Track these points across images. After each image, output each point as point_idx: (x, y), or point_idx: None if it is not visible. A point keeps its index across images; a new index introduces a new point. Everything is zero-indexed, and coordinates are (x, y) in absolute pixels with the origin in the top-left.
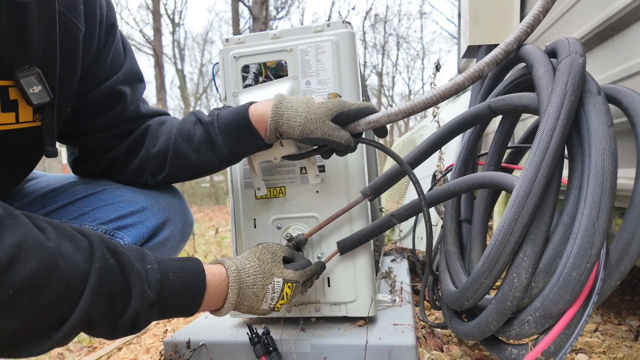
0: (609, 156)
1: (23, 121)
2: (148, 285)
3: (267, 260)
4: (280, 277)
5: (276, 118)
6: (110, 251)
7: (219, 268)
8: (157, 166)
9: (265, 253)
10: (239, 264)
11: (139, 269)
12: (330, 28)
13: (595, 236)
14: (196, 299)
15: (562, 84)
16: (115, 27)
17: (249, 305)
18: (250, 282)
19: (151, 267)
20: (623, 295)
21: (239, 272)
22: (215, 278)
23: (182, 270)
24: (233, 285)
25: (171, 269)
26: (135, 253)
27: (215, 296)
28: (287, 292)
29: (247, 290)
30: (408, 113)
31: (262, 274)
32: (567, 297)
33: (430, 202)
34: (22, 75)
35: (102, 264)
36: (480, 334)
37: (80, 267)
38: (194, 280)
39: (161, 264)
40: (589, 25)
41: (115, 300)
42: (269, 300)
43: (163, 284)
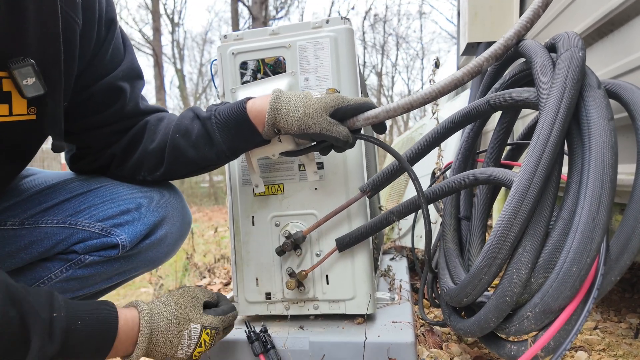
0: (609, 150)
1: (17, 114)
2: (50, 336)
3: (186, 305)
4: (197, 323)
5: (274, 113)
6: (13, 301)
7: (132, 313)
8: (155, 162)
9: (185, 297)
10: (154, 309)
11: (44, 318)
12: (329, 24)
13: (596, 231)
14: (104, 346)
15: (561, 77)
16: (114, 23)
17: (162, 351)
18: (164, 327)
19: (58, 315)
20: (623, 292)
21: (152, 316)
22: (127, 324)
23: (92, 319)
24: (144, 330)
25: (81, 316)
26: (44, 299)
27: (126, 342)
28: (205, 339)
29: (161, 336)
30: (407, 108)
31: (177, 319)
32: (567, 292)
33: (430, 199)
34: (16, 66)
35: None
36: (480, 331)
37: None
38: (104, 328)
39: (70, 312)
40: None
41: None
42: (184, 347)
43: (69, 332)
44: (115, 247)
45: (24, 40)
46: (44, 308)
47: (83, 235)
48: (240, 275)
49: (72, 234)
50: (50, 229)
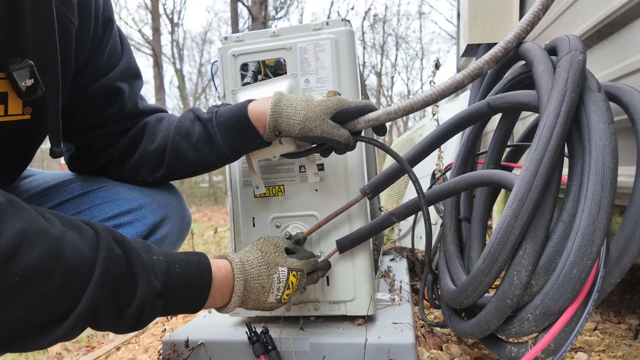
0: (609, 153)
1: (12, 114)
2: (154, 276)
3: (270, 252)
4: (284, 267)
5: (275, 116)
6: (116, 241)
7: (224, 262)
8: (154, 164)
9: (268, 245)
10: (243, 257)
11: (145, 260)
12: (330, 26)
13: (596, 233)
14: (202, 291)
15: (562, 81)
16: (112, 22)
17: (255, 298)
18: (255, 273)
19: (157, 258)
20: (622, 294)
21: (243, 264)
22: (220, 271)
23: (188, 263)
24: (239, 277)
25: (177, 261)
26: (141, 244)
27: (222, 290)
28: (292, 281)
29: (253, 282)
30: (407, 111)
31: (266, 265)
32: (567, 294)
33: (430, 201)
34: (14, 67)
35: (108, 253)
36: (480, 332)
37: (86, 256)
38: (200, 273)
39: (167, 256)
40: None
41: (121, 290)
42: (275, 290)
43: (169, 275)
44: None
45: (21, 41)
46: (144, 250)
47: None
48: None
49: None
50: None
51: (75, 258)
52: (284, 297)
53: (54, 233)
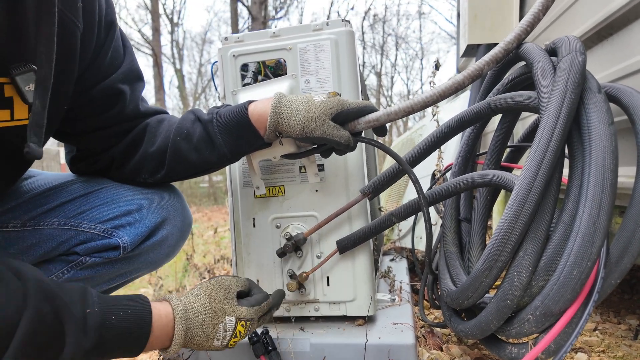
0: (609, 154)
1: (18, 118)
2: (85, 332)
3: (219, 298)
4: (232, 316)
5: (276, 117)
6: (46, 297)
7: (166, 308)
8: (155, 165)
9: (218, 289)
10: (187, 303)
11: (77, 315)
12: (330, 27)
13: (596, 234)
14: (139, 341)
15: (562, 82)
16: (114, 25)
17: (199, 344)
18: (199, 322)
19: (91, 311)
20: (622, 294)
21: (187, 312)
22: (161, 319)
23: (126, 314)
24: (179, 327)
25: (115, 311)
26: (78, 296)
27: (161, 337)
28: (240, 330)
29: (196, 331)
30: (408, 112)
31: (212, 313)
32: (567, 295)
33: (430, 201)
34: (17, 72)
35: (35, 313)
36: (480, 333)
37: (8, 317)
38: (139, 322)
39: (104, 307)
40: (588, 24)
41: (46, 350)
42: (220, 339)
43: (103, 328)
44: (116, 248)
45: (24, 46)
46: (77, 304)
47: (84, 237)
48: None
49: (74, 235)
50: (51, 230)
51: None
52: (230, 343)
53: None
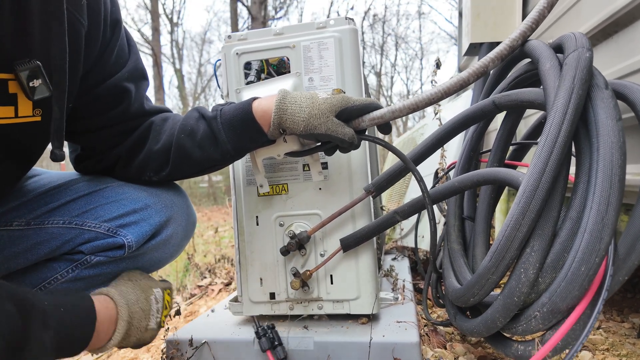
0: (617, 150)
1: (22, 115)
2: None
3: (139, 278)
4: (158, 287)
5: (280, 113)
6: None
7: (101, 295)
8: (160, 163)
9: (133, 273)
10: (117, 288)
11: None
12: (333, 24)
13: (604, 230)
14: (87, 330)
15: (569, 78)
16: (119, 23)
17: (138, 325)
18: (133, 298)
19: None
20: (625, 293)
21: (121, 292)
22: (101, 303)
23: (68, 304)
24: (120, 302)
25: (59, 304)
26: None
27: (105, 323)
28: (167, 299)
29: (134, 307)
30: (412, 109)
31: (140, 289)
32: (575, 292)
33: (434, 199)
34: (22, 68)
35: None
36: (486, 331)
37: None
38: (84, 309)
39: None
40: (593, 21)
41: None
42: (154, 313)
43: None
44: (121, 247)
45: (29, 42)
46: (34, 298)
47: (89, 236)
48: (245, 275)
49: (78, 234)
50: (56, 229)
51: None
52: (162, 319)
53: None
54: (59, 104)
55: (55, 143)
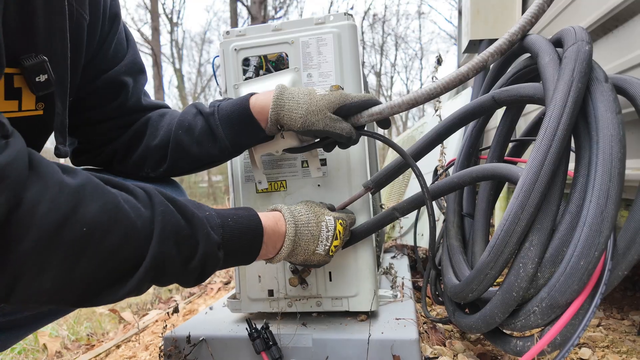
0: (617, 143)
1: (26, 109)
2: (212, 229)
3: (315, 205)
4: (330, 216)
5: (277, 109)
6: (168, 199)
7: (273, 212)
8: (158, 158)
9: (311, 202)
10: (291, 207)
11: (199, 215)
12: (332, 20)
13: (604, 224)
14: (256, 240)
15: (569, 71)
16: (118, 17)
17: (305, 247)
18: (304, 219)
19: (209, 214)
20: (625, 290)
21: (292, 212)
22: (270, 220)
23: (238, 216)
24: (290, 221)
25: (228, 215)
26: (191, 203)
27: (274, 238)
28: (339, 230)
29: (303, 229)
30: (411, 104)
31: (314, 213)
32: (574, 286)
33: (434, 195)
34: (28, 63)
35: (164, 210)
36: (485, 326)
37: (143, 213)
38: (251, 223)
39: (218, 212)
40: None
41: (183, 244)
42: (323, 240)
43: (224, 228)
44: None
45: (34, 37)
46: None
47: None
48: (243, 272)
49: None
50: None
51: (134, 214)
52: (332, 249)
53: (110, 189)
54: (62, 100)
55: (59, 139)
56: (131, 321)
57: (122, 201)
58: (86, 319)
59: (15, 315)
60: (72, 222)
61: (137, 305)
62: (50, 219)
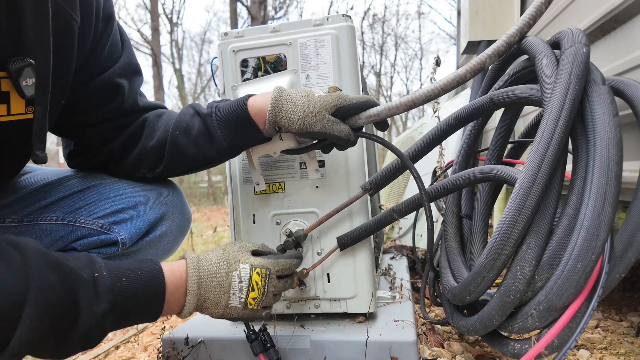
0: (614, 146)
1: (14, 113)
2: (97, 296)
3: (233, 250)
4: (246, 263)
5: (275, 111)
6: (50, 266)
7: (179, 263)
8: (154, 159)
9: (232, 245)
10: (201, 255)
11: (86, 279)
12: (330, 21)
13: (601, 227)
14: (157, 300)
15: (566, 73)
16: (112, 18)
17: (215, 300)
18: (212, 270)
19: (99, 274)
20: (623, 291)
21: (200, 261)
22: (174, 274)
23: (136, 274)
24: (192, 273)
25: (124, 273)
26: (83, 262)
27: (176, 294)
28: (256, 280)
29: (210, 279)
30: (409, 106)
31: (225, 261)
32: (571, 289)
33: (432, 197)
34: (15, 66)
35: (41, 283)
36: (483, 329)
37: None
38: (151, 281)
39: (112, 271)
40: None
41: (61, 320)
42: (236, 292)
43: (114, 290)
44: (114, 244)
45: (22, 40)
46: (84, 269)
47: (82, 232)
48: None
49: (72, 231)
50: (49, 225)
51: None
52: (250, 301)
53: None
54: (42, 104)
55: (37, 144)
56: None
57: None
58: None
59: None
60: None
61: None
62: None
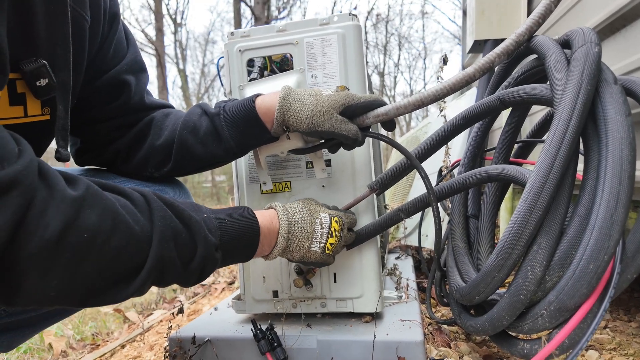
0: (627, 145)
1: (32, 115)
2: (209, 231)
3: (312, 203)
4: (326, 213)
5: (283, 110)
6: (166, 204)
7: (269, 210)
8: (162, 158)
9: (308, 199)
10: (286, 205)
11: (197, 218)
12: (337, 21)
13: (614, 227)
14: (253, 240)
15: (577, 73)
16: (118, 17)
17: (299, 244)
18: (298, 217)
19: (207, 216)
20: (632, 292)
21: (287, 209)
22: (266, 218)
23: (236, 217)
24: (283, 218)
25: (226, 216)
26: (189, 205)
27: (269, 236)
28: (335, 227)
29: (296, 225)
30: (418, 105)
31: (308, 210)
32: (583, 290)
33: (439, 196)
34: (28, 67)
35: (163, 215)
36: (492, 329)
37: (140, 219)
38: (248, 224)
39: (216, 213)
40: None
41: (181, 247)
42: (318, 237)
43: (221, 229)
44: None
45: (34, 41)
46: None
47: None
48: (247, 273)
49: None
50: None
51: (132, 219)
52: (328, 247)
53: (108, 197)
54: (63, 103)
55: (60, 142)
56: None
57: (120, 207)
58: (91, 318)
59: (21, 315)
60: (74, 229)
61: (141, 305)
62: (53, 225)
